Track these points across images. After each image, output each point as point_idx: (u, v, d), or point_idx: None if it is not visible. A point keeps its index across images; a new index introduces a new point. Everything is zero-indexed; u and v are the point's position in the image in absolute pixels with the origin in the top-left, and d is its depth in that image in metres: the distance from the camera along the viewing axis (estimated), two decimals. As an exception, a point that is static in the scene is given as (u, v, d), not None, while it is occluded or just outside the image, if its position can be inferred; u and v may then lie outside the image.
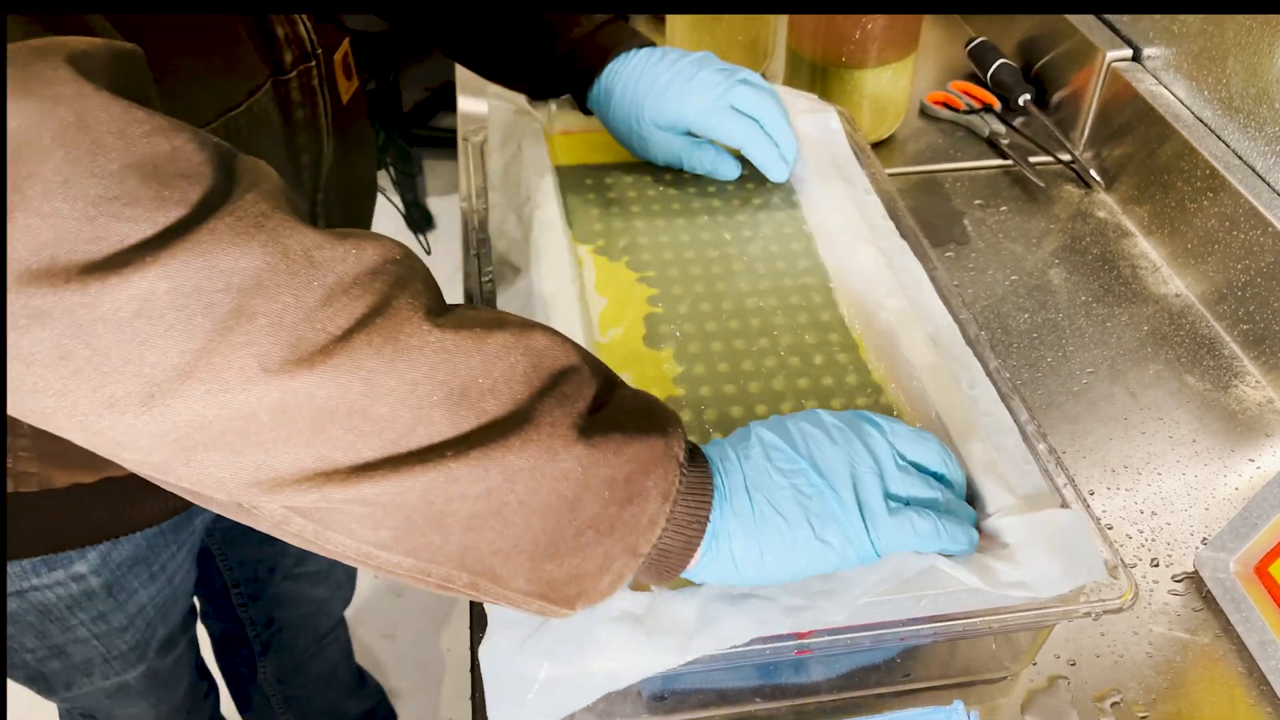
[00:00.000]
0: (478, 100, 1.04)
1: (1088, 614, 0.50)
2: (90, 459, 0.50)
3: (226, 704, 1.16)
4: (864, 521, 0.45)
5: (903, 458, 0.49)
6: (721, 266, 0.70)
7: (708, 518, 0.44)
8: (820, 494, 0.45)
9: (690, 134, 0.75)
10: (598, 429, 0.41)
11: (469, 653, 0.54)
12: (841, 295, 0.67)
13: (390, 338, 0.37)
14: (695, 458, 0.45)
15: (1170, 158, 0.86)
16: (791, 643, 0.48)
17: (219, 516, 0.92)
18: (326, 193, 0.68)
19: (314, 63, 0.61)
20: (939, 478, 0.50)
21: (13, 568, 0.67)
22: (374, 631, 1.59)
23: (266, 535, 0.95)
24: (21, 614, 0.71)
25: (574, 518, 0.40)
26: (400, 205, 0.82)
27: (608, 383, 0.44)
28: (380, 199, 0.92)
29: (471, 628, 0.56)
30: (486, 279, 0.68)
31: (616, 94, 0.75)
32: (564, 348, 0.42)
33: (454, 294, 0.72)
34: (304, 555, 1.02)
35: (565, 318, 0.62)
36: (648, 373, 0.62)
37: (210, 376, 0.34)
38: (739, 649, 0.47)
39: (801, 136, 0.79)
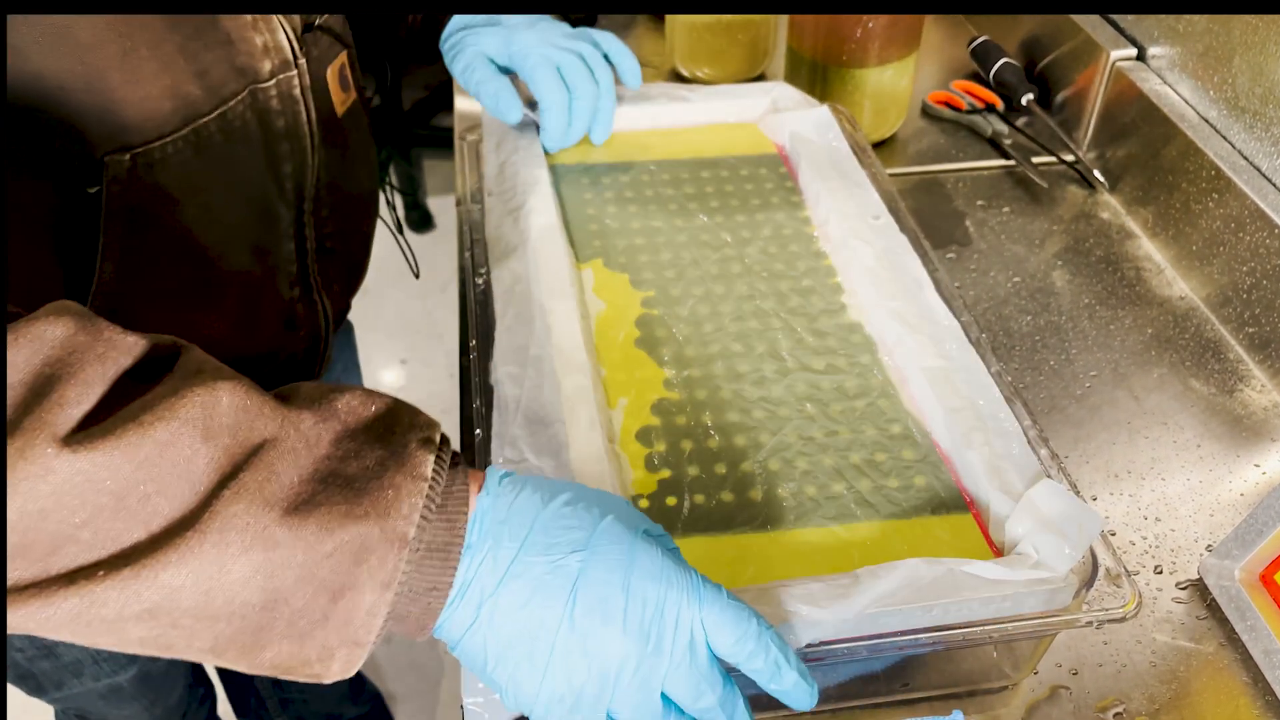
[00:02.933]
0: (474, 102, 1.03)
1: (1090, 623, 0.49)
2: None
3: (224, 707, 1.16)
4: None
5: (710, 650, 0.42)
6: (720, 268, 0.69)
7: (451, 584, 0.39)
8: (579, 704, 0.40)
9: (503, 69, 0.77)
10: (292, 518, 0.36)
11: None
12: (844, 297, 0.67)
13: (13, 466, 0.33)
14: (454, 504, 0.40)
15: (1175, 158, 0.85)
16: (788, 653, 0.47)
17: None
18: (317, 204, 0.67)
19: (295, 72, 0.60)
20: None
21: None
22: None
23: None
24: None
25: (272, 615, 0.37)
26: (388, 216, 0.81)
27: (315, 447, 0.38)
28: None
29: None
30: (481, 280, 0.67)
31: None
32: (261, 416, 0.37)
33: (456, 294, 0.72)
34: None
35: (563, 320, 0.61)
36: (643, 375, 0.61)
37: None
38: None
39: (799, 137, 0.78)
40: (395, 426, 0.40)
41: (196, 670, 1.02)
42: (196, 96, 0.56)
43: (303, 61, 0.61)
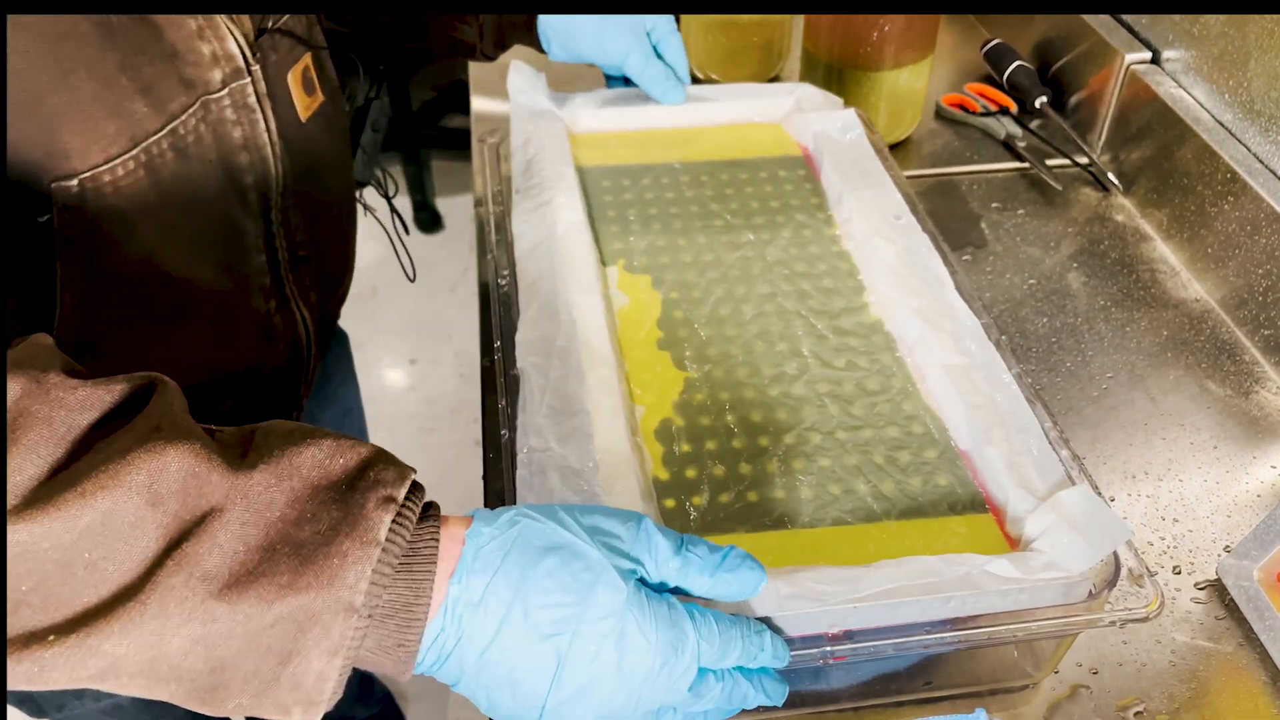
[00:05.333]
0: (492, 100, 1.04)
1: (1113, 622, 0.49)
2: None
3: None
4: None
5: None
6: (742, 268, 0.69)
7: (419, 641, 0.39)
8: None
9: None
10: (231, 591, 0.36)
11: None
12: (865, 295, 0.67)
13: None
14: (419, 562, 0.39)
15: (1190, 161, 0.85)
16: (815, 650, 0.47)
17: None
18: (286, 214, 0.65)
19: (248, 80, 0.58)
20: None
21: None
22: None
23: None
24: None
25: (222, 678, 0.37)
26: (387, 218, 0.82)
27: (266, 511, 0.38)
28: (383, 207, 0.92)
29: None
30: (504, 280, 0.68)
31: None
32: (209, 483, 0.37)
33: (465, 294, 0.72)
34: None
35: (589, 314, 0.61)
36: (666, 374, 0.62)
37: None
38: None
39: (823, 137, 0.78)
40: (358, 483, 0.39)
41: None
42: (142, 114, 0.53)
43: (256, 68, 0.59)
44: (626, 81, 0.84)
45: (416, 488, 0.41)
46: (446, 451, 1.86)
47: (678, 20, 1.09)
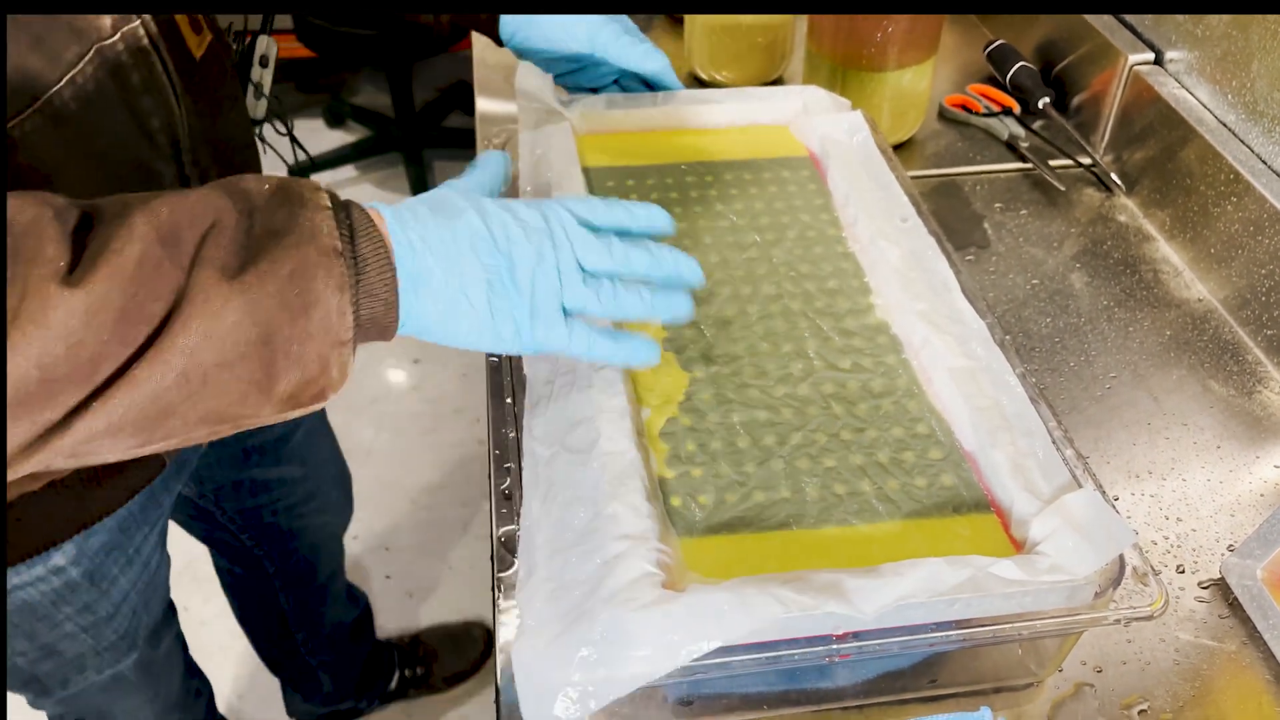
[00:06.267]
0: (497, 101, 1.04)
1: (1118, 621, 0.49)
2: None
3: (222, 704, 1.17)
4: (535, 325, 0.51)
5: (591, 227, 0.54)
6: (747, 269, 0.69)
7: (394, 279, 0.48)
8: (506, 293, 0.51)
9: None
10: (252, 269, 0.44)
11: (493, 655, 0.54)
12: (871, 297, 0.67)
13: (32, 318, 0.40)
14: (361, 229, 0.48)
15: (1193, 162, 0.86)
16: (821, 649, 0.48)
17: (201, 481, 0.93)
18: (195, 153, 0.65)
19: (138, 21, 0.58)
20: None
21: None
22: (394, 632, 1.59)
23: (256, 487, 0.97)
24: (9, 616, 0.71)
25: (271, 348, 0.45)
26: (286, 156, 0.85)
27: (250, 209, 0.46)
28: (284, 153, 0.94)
29: (491, 636, 0.56)
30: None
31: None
32: (194, 208, 0.45)
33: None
34: (298, 494, 1.05)
35: (591, 320, 0.62)
36: (671, 375, 0.62)
37: None
38: (769, 654, 0.47)
39: (830, 139, 0.78)
40: (291, 188, 0.48)
41: (190, 664, 1.03)
42: (38, 68, 0.53)
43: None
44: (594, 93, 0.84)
45: (331, 193, 0.50)
46: (450, 451, 1.87)
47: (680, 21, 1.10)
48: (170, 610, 0.93)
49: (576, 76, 0.83)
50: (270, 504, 1.03)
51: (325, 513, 1.12)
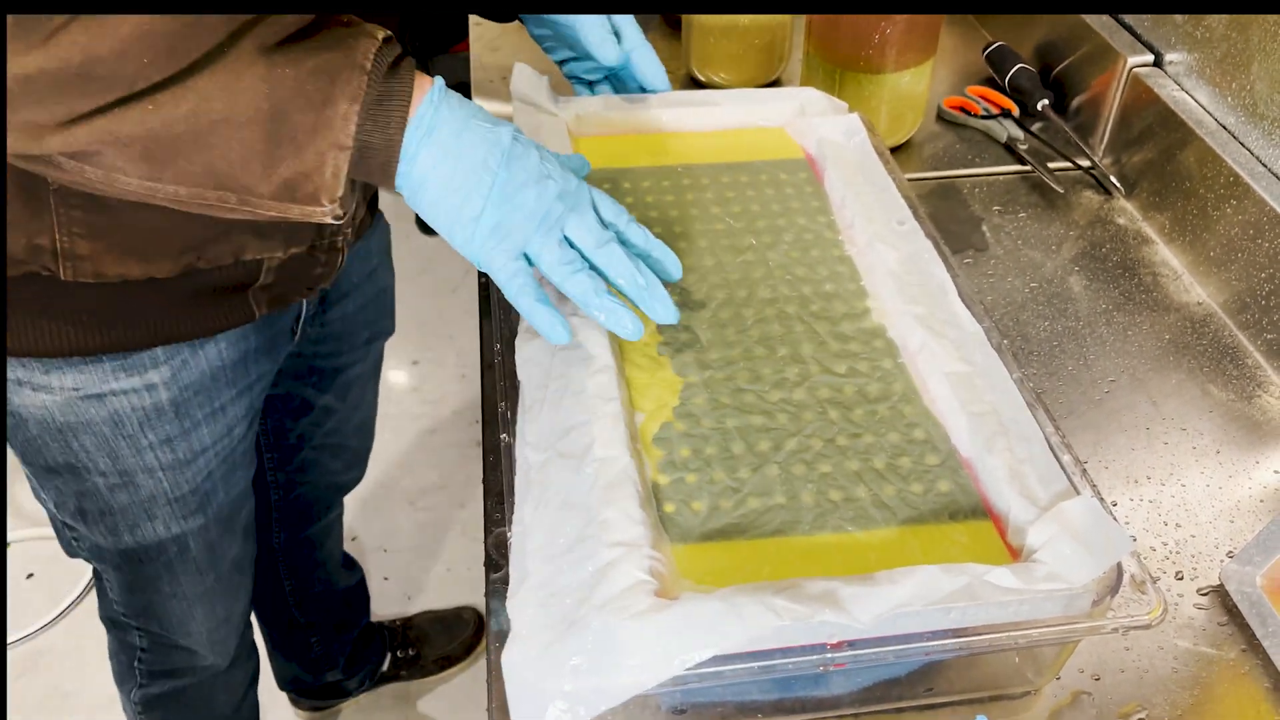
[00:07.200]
0: (493, 102, 1.04)
1: (1116, 630, 0.49)
2: (132, 245, 0.64)
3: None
4: (490, 240, 0.56)
5: (599, 216, 0.58)
6: (743, 272, 0.69)
7: (405, 122, 0.53)
8: (488, 199, 0.55)
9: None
10: (286, 53, 0.49)
11: (485, 661, 0.53)
12: (867, 301, 0.67)
13: (98, 20, 0.45)
14: (402, 74, 0.53)
15: (1192, 164, 0.85)
16: (815, 657, 0.47)
17: (272, 383, 0.95)
18: None
19: None
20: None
21: (92, 369, 0.71)
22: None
23: (302, 407, 1.01)
24: (98, 424, 0.74)
25: (278, 126, 0.49)
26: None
27: (317, 22, 0.51)
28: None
29: (487, 639, 0.56)
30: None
31: None
32: None
33: (467, 295, 0.72)
34: (328, 426, 1.07)
35: (588, 325, 0.61)
36: (666, 379, 0.61)
37: None
38: (763, 663, 0.47)
39: (827, 142, 0.78)
40: (361, 23, 0.53)
41: (248, 635, 1.07)
42: None
43: None
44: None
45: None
46: (449, 452, 1.86)
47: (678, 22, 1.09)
48: (249, 535, 0.95)
49: (573, 66, 0.83)
50: (303, 428, 1.05)
51: (340, 457, 1.14)
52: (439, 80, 0.55)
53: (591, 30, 0.77)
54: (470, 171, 0.55)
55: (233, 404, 0.81)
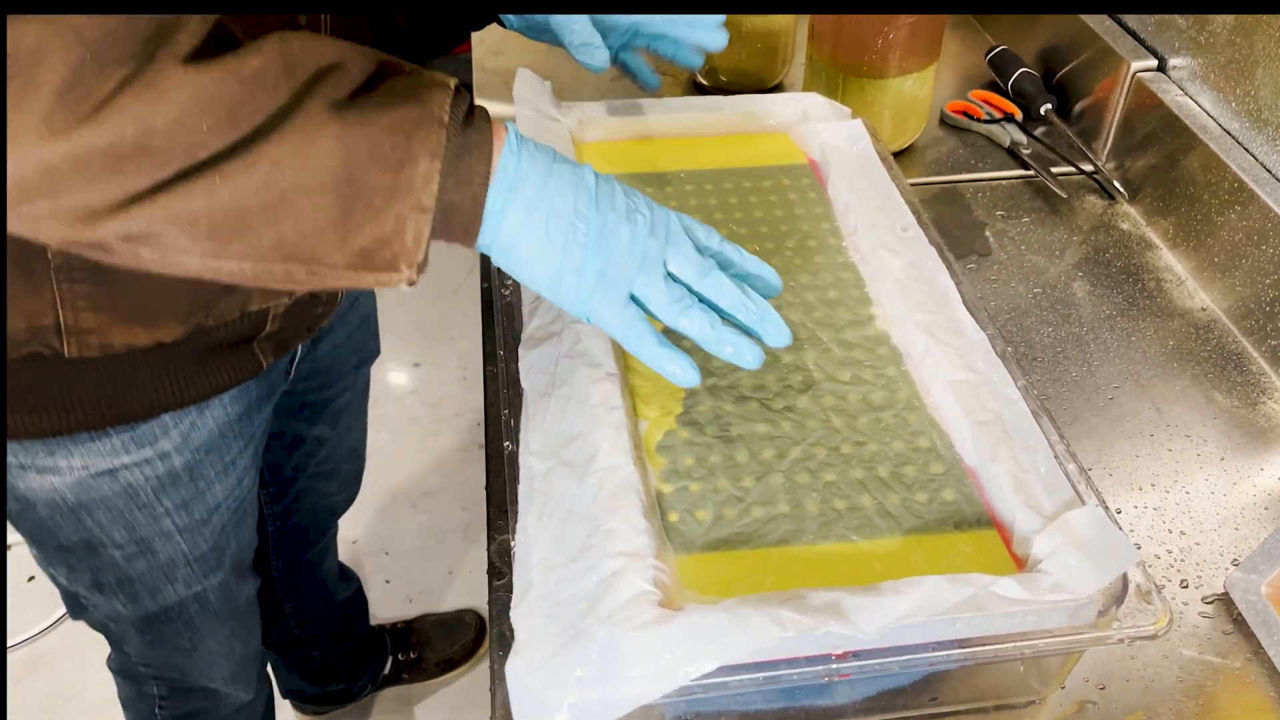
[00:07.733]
0: (496, 105, 1.04)
1: (1122, 640, 0.49)
2: (139, 312, 0.61)
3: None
4: (597, 291, 0.52)
5: (696, 244, 0.55)
6: (745, 279, 0.69)
7: (488, 177, 0.49)
8: (586, 248, 0.51)
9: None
10: (357, 110, 0.46)
11: (488, 670, 0.53)
12: (871, 308, 0.67)
13: (150, 86, 0.42)
14: (478, 124, 0.50)
15: (1196, 169, 0.85)
16: (821, 668, 0.47)
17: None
18: None
19: None
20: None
21: (101, 445, 0.68)
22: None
23: (293, 442, 0.97)
24: (112, 499, 0.72)
25: (355, 190, 0.46)
26: None
27: (380, 72, 0.48)
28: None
29: (490, 646, 0.56)
30: (507, 291, 0.67)
31: None
32: (325, 49, 0.46)
33: (468, 297, 0.72)
34: (321, 455, 1.06)
35: (591, 333, 0.61)
36: (669, 387, 0.61)
37: (10, 140, 0.41)
38: (768, 673, 0.47)
39: (831, 147, 0.78)
40: (426, 71, 0.50)
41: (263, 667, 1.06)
42: None
43: None
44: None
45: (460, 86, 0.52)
46: (450, 455, 1.86)
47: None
48: (255, 575, 0.94)
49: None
50: (297, 460, 1.05)
51: (333, 480, 1.13)
52: (512, 127, 0.52)
53: (577, 34, 0.74)
54: (564, 222, 0.51)
55: (240, 456, 0.79)
